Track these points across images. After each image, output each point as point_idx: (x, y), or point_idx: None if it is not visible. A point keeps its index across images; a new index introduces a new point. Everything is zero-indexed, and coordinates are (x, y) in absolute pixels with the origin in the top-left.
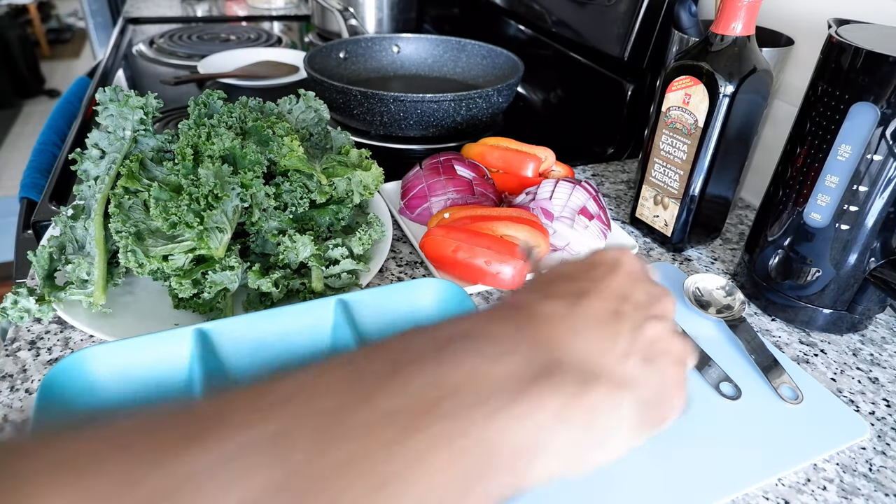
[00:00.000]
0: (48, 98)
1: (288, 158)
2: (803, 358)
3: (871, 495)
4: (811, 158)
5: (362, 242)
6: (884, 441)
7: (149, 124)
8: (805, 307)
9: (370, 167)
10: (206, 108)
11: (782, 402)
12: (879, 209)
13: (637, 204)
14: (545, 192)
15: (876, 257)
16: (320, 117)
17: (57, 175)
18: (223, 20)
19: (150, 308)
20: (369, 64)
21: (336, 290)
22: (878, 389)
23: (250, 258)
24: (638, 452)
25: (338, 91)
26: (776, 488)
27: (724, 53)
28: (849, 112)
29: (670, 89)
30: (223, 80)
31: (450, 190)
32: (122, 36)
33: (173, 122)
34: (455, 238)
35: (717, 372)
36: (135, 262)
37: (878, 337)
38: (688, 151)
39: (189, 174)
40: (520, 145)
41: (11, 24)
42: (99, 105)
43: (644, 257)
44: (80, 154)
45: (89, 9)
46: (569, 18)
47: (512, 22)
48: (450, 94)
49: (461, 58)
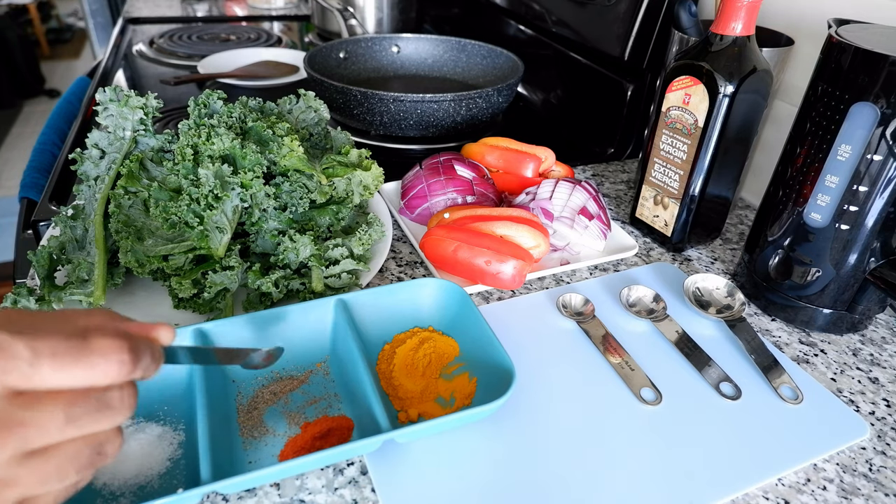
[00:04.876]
0: (48, 98)
1: (288, 158)
2: (803, 358)
3: (871, 495)
4: (811, 158)
5: (362, 242)
6: (884, 441)
7: (149, 124)
8: (805, 307)
9: (370, 167)
10: (206, 108)
11: (782, 402)
12: (879, 209)
13: (637, 204)
14: (545, 192)
15: (876, 257)
16: (320, 117)
17: (57, 175)
18: (223, 20)
19: (150, 308)
20: (369, 64)
21: (336, 290)
22: (878, 389)
23: (250, 258)
24: (638, 452)
25: (338, 91)
26: (776, 488)
27: (724, 53)
28: (849, 112)
29: (670, 89)
30: (223, 80)
31: (450, 190)
32: (122, 36)
33: (173, 122)
34: (455, 238)
35: (717, 372)
36: (135, 262)
37: (878, 337)
38: (688, 151)
39: (189, 174)
40: (520, 145)
41: (11, 24)
42: (99, 105)
43: (645, 256)
44: (80, 154)
45: (89, 9)
46: (569, 18)
47: (512, 22)
48: (450, 94)
49: (461, 58)
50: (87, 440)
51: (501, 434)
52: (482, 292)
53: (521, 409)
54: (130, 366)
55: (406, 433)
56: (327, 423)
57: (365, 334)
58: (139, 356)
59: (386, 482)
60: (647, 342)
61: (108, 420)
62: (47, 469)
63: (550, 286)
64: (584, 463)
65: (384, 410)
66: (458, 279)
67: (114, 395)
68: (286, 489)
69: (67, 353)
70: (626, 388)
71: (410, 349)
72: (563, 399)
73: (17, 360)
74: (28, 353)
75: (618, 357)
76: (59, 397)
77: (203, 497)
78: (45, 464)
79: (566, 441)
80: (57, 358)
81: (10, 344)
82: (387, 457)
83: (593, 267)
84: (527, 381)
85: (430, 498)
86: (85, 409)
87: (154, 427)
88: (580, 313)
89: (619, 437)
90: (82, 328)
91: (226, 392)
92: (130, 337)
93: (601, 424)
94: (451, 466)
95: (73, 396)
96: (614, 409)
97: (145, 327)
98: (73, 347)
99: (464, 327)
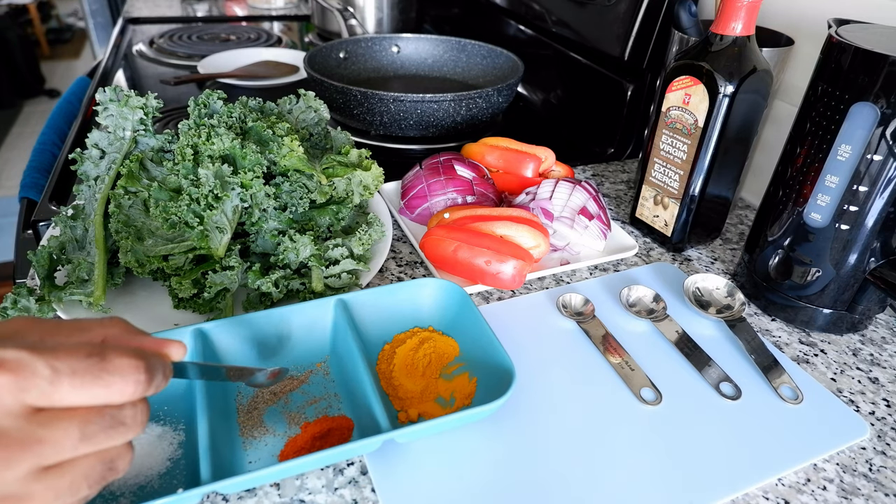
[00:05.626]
0: (48, 98)
1: (288, 158)
2: (803, 358)
3: (871, 495)
4: (811, 158)
5: (362, 242)
6: (884, 441)
7: (149, 124)
8: (805, 307)
9: (370, 167)
10: (206, 108)
11: (782, 402)
12: (879, 209)
13: (637, 204)
14: (545, 192)
15: (876, 257)
16: (320, 117)
17: (57, 175)
18: (223, 20)
19: (150, 308)
20: (369, 64)
21: (336, 290)
22: (878, 389)
23: (250, 258)
24: (638, 452)
25: (338, 91)
26: (776, 488)
27: (724, 53)
28: (849, 112)
29: (670, 89)
30: (223, 80)
31: (450, 190)
32: (122, 36)
33: (173, 122)
34: (455, 238)
35: (717, 372)
36: (135, 262)
37: (878, 337)
38: (688, 151)
39: (189, 174)
40: (520, 145)
41: (11, 24)
42: (99, 105)
43: (645, 256)
44: (80, 154)
45: (89, 9)
46: (569, 18)
47: (512, 22)
48: (450, 94)
49: (461, 58)
50: (99, 456)
51: (501, 434)
52: (482, 292)
53: (521, 409)
54: (146, 385)
55: (406, 433)
56: (327, 423)
57: (365, 334)
58: (153, 375)
59: (386, 482)
60: (647, 342)
61: (121, 436)
62: (61, 484)
63: (550, 286)
64: (584, 463)
65: (384, 410)
66: (458, 279)
67: (127, 412)
68: (286, 489)
69: (87, 372)
70: (626, 388)
71: (410, 349)
72: (563, 399)
73: (36, 379)
74: (48, 371)
75: (618, 357)
76: (75, 414)
77: (203, 497)
78: (60, 479)
79: (566, 441)
80: (76, 377)
81: (30, 362)
82: (387, 457)
83: (593, 267)
84: (527, 381)
85: (430, 498)
86: (100, 427)
87: (154, 427)
88: (580, 313)
89: (619, 437)
90: (99, 344)
91: (226, 392)
92: (146, 355)
93: (601, 424)
94: (451, 466)
95: (89, 414)
96: (614, 409)
97: (158, 343)
98: (92, 366)
99: (464, 327)
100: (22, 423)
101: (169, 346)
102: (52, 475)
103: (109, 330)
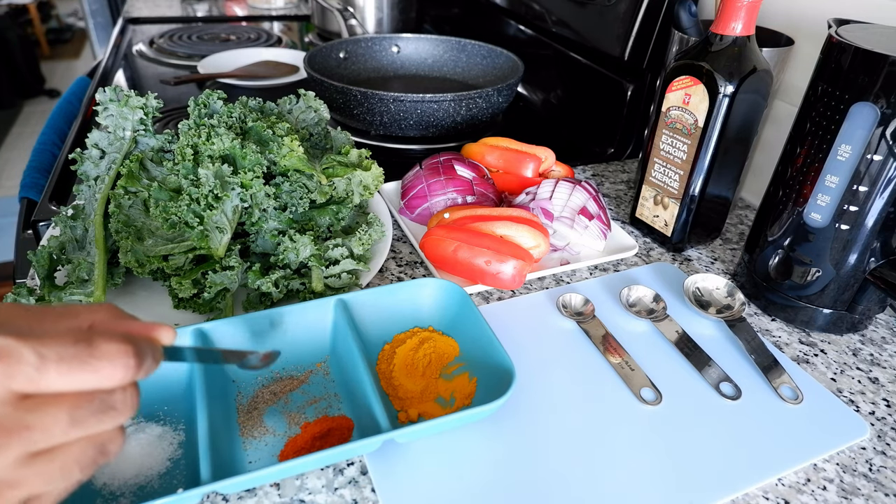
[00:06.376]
0: (48, 98)
1: (288, 158)
2: (803, 358)
3: (871, 495)
4: (811, 158)
5: (362, 242)
6: (884, 441)
7: (149, 124)
8: (805, 307)
9: (370, 167)
10: (206, 108)
11: (782, 402)
12: (879, 209)
13: (637, 204)
14: (545, 192)
15: (876, 257)
16: (320, 117)
17: (57, 175)
18: (223, 20)
19: (150, 308)
20: (369, 64)
21: (336, 290)
22: (878, 389)
23: (250, 258)
24: (638, 452)
25: (338, 91)
26: (776, 488)
27: (724, 53)
28: (849, 112)
29: (670, 89)
30: (223, 80)
31: (450, 190)
32: (122, 36)
33: (173, 122)
34: (455, 238)
35: (717, 372)
36: (135, 262)
37: (878, 337)
38: (688, 151)
39: (189, 174)
40: (520, 145)
41: (11, 24)
42: (99, 105)
43: (645, 257)
44: (80, 154)
45: (89, 9)
46: (569, 18)
47: (512, 22)
48: (450, 94)
49: (461, 58)
50: (90, 440)
51: (501, 434)
52: (482, 292)
53: (521, 409)
54: (135, 370)
55: (406, 433)
56: (327, 423)
57: (365, 334)
58: (143, 359)
59: (386, 482)
60: (647, 342)
61: (111, 421)
62: (51, 470)
63: (550, 286)
64: (584, 463)
65: (384, 410)
66: (458, 279)
67: (117, 396)
68: (286, 489)
69: (74, 357)
70: (626, 388)
71: (410, 349)
72: (563, 399)
73: (23, 365)
74: (35, 358)
75: (618, 357)
76: (63, 400)
77: (203, 497)
78: (50, 464)
79: (566, 441)
80: (63, 363)
81: (16, 348)
82: (387, 457)
83: (593, 267)
84: (527, 381)
85: (430, 498)
86: (89, 412)
87: (154, 427)
88: (580, 313)
89: (619, 437)
90: (87, 328)
91: (226, 392)
92: (134, 340)
93: (601, 424)
94: (451, 466)
95: (78, 399)
96: (614, 409)
97: (147, 327)
98: (80, 352)
99: (464, 327)
100: (9, 409)
101: (158, 329)
102: (42, 460)
103: (97, 315)
